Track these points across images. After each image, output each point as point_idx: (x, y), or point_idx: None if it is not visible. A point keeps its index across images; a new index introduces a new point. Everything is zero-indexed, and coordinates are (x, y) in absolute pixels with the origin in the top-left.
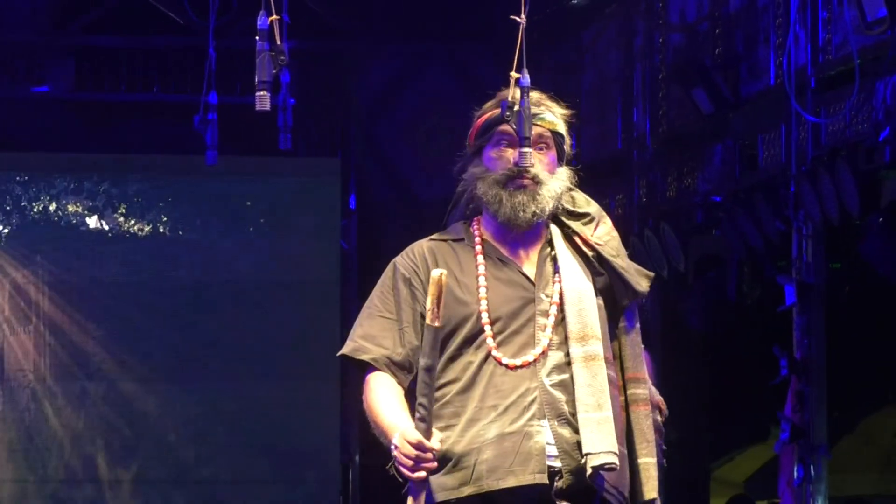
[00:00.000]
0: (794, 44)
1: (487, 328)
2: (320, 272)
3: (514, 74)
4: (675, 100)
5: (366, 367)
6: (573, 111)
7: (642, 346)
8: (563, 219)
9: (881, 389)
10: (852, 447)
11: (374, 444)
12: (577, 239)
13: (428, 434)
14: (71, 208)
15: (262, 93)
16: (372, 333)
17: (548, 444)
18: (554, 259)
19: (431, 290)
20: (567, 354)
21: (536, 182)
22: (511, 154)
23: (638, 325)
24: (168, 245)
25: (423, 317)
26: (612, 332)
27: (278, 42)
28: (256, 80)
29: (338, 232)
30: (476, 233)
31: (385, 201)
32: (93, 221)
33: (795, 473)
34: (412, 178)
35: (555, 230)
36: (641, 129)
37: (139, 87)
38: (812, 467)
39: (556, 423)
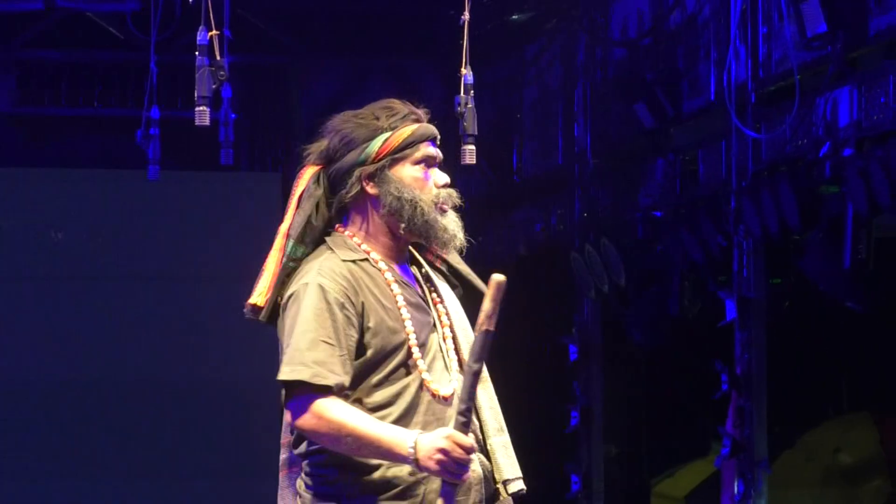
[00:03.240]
0: (734, 59)
1: (420, 363)
2: None
3: (465, 71)
4: (617, 115)
5: (309, 392)
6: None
7: None
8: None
9: (821, 405)
10: (793, 462)
11: None
12: (428, 255)
13: None
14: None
15: (201, 108)
16: (323, 359)
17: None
18: (426, 278)
19: None
20: None
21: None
22: (436, 177)
23: None
24: (107, 260)
25: (356, 344)
26: None
27: (218, 57)
28: (196, 95)
29: None
30: (366, 250)
31: None
32: (29, 235)
33: (736, 489)
34: None
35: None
36: (583, 144)
37: (80, 101)
38: (753, 483)
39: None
